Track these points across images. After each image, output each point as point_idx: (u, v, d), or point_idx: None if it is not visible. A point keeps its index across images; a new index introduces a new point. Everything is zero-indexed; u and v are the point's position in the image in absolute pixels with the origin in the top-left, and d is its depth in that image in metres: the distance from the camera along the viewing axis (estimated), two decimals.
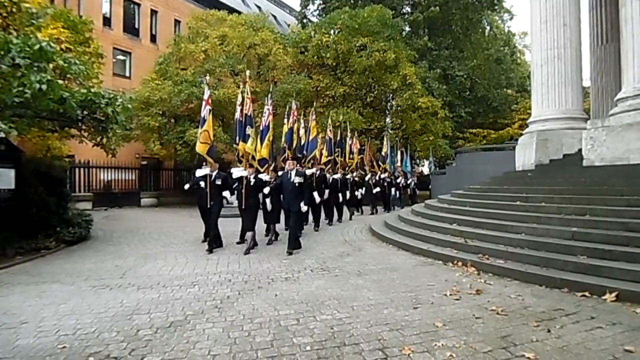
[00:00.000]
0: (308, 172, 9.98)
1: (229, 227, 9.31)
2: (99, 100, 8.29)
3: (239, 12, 23.90)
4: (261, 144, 8.90)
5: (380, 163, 18.02)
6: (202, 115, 8.38)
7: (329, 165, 12.62)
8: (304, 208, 7.95)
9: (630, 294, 4.29)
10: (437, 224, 8.40)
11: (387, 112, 25.24)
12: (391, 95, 22.94)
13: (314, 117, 12.48)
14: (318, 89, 20.86)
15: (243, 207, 7.85)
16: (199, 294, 5.02)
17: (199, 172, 8.27)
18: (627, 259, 4.97)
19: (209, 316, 4.20)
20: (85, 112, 8.66)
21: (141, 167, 21.29)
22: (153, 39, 24.94)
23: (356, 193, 14.33)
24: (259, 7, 34.10)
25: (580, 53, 11.15)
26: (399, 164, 20.41)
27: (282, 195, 8.30)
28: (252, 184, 7.82)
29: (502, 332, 3.59)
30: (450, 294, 4.72)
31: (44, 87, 6.76)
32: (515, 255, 5.85)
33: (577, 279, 4.83)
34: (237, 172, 7.92)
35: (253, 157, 8.45)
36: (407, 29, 27.02)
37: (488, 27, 32.13)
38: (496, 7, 30.07)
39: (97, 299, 4.87)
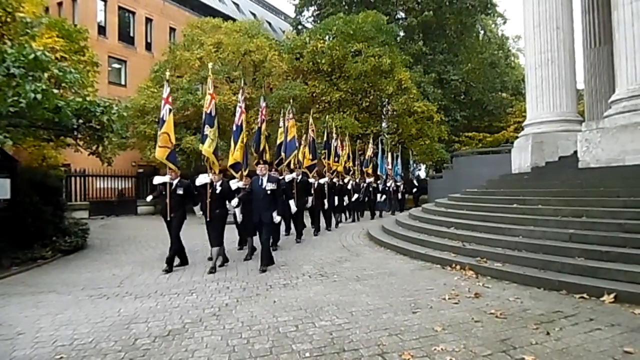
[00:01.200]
0: (288, 177, 9.47)
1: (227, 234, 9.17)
2: (94, 108, 8.29)
3: (234, 20, 23.99)
4: (234, 146, 8.19)
5: (363, 168, 17.33)
6: (161, 115, 7.36)
7: (314, 169, 11.52)
8: (276, 219, 7.01)
9: (628, 295, 4.30)
10: (434, 227, 8.40)
11: (383, 117, 25.30)
12: (387, 100, 22.99)
13: (311, 122, 12.43)
14: (314, 94, 20.90)
15: (208, 218, 6.88)
16: (197, 302, 4.99)
17: (157, 180, 7.27)
18: (624, 260, 4.98)
19: (207, 324, 4.17)
20: (81, 121, 8.65)
21: (137, 175, 21.24)
22: (148, 47, 24.99)
23: (346, 198, 13.52)
24: (253, 14, 34.19)
25: (574, 56, 11.24)
26: (389, 166, 19.57)
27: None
28: (217, 192, 6.98)
29: (501, 336, 3.58)
30: (449, 298, 4.72)
31: (39, 96, 6.76)
32: (513, 258, 5.85)
33: (575, 280, 4.83)
34: (200, 178, 7.09)
35: (218, 162, 7.46)
36: (402, 34, 27.14)
37: (482, 31, 32.30)
38: (490, 12, 30.22)
39: (94, 308, 4.84)
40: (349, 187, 14.05)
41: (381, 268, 6.57)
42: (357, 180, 15.65)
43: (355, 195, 14.64)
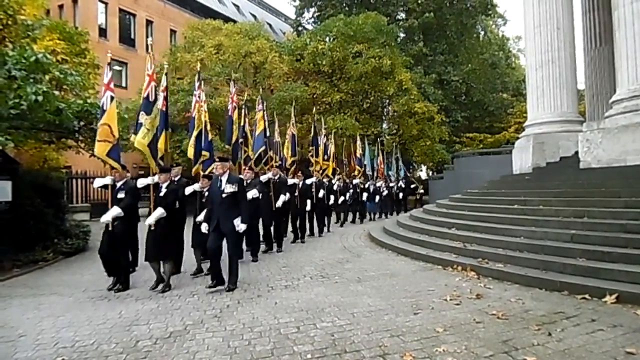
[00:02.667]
0: (263, 177, 8.61)
1: None
2: (95, 110, 8.30)
3: (235, 21, 24.04)
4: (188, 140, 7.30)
5: (358, 167, 16.12)
6: (101, 103, 6.19)
7: (293, 167, 10.72)
8: (240, 227, 5.59)
9: (630, 295, 4.28)
10: (435, 228, 8.39)
11: (384, 118, 25.35)
12: (387, 101, 23.06)
13: (293, 120, 12.17)
14: (314, 96, 20.94)
15: (152, 227, 5.79)
16: (198, 304, 4.99)
17: (98, 183, 6.30)
18: (626, 261, 4.96)
19: (208, 326, 4.17)
20: (82, 123, 8.68)
21: (138, 176, 21.21)
22: (149, 48, 25.02)
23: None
24: (254, 16, 34.26)
25: (574, 56, 11.24)
26: (382, 165, 18.65)
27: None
28: (162, 194, 5.94)
29: (503, 337, 3.57)
30: (451, 299, 4.71)
31: (40, 98, 6.78)
32: (514, 259, 5.84)
33: (577, 281, 4.82)
34: (142, 180, 6.32)
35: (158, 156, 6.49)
36: (402, 35, 27.19)
37: (482, 32, 32.36)
38: (490, 12, 30.27)
39: (96, 310, 4.84)
40: (335, 187, 12.89)
41: (382, 269, 6.56)
42: (347, 181, 14.55)
43: (342, 197, 13.51)
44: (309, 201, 10.17)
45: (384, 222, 12.43)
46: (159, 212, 5.72)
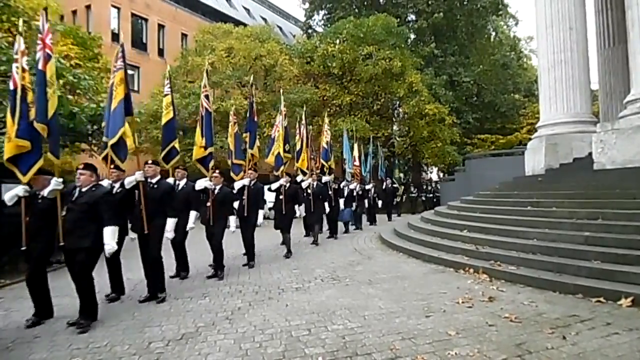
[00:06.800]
0: (237, 185, 7.53)
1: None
2: None
3: (245, 25, 24.17)
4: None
5: (322, 161, 12.05)
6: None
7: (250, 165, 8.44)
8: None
9: None
10: (447, 230, 8.34)
11: (394, 120, 25.26)
12: (398, 102, 22.96)
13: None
14: (325, 98, 20.95)
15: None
16: (210, 306, 5.02)
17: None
18: None
19: (220, 327, 4.20)
20: (95, 127, 8.80)
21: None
22: (161, 53, 25.34)
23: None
24: (264, 19, 34.46)
25: (587, 56, 11.10)
26: (357, 162, 14.39)
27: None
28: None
29: (516, 340, 3.54)
30: (463, 302, 4.68)
31: None
32: (527, 261, 5.78)
33: (592, 284, 4.76)
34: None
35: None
36: (413, 36, 27.05)
37: (493, 33, 32.11)
38: (501, 13, 30.01)
39: (108, 312, 4.88)
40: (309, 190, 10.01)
41: (393, 271, 6.54)
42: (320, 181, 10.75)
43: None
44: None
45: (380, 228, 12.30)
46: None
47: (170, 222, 5.44)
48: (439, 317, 4.22)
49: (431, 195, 22.55)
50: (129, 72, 6.74)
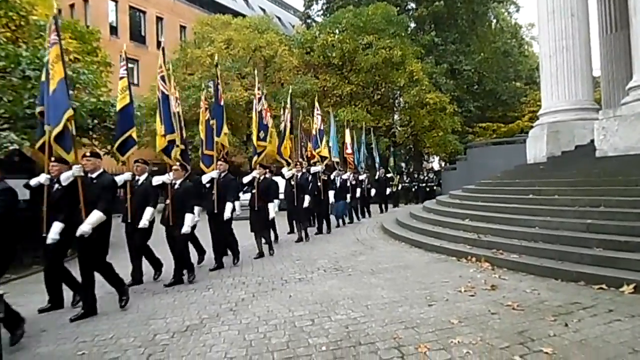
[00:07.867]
0: (205, 177, 7.19)
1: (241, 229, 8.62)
2: (108, 108, 8.40)
3: (244, 16, 24.05)
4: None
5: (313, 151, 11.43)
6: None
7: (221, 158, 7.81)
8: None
9: None
10: (449, 220, 8.35)
11: (395, 109, 25.16)
12: (398, 92, 22.86)
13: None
14: (325, 88, 20.88)
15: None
16: (214, 297, 5.05)
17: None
18: None
19: (224, 319, 4.23)
20: (95, 121, 8.79)
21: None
22: (159, 45, 25.19)
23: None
24: (263, 10, 34.23)
25: (589, 43, 10.99)
26: (349, 150, 13.86)
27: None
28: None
29: (518, 328, 3.55)
30: (465, 290, 4.69)
31: None
32: (529, 249, 5.79)
33: (594, 271, 4.76)
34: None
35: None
36: (413, 25, 26.85)
37: (494, 20, 31.79)
38: (502, 0, 29.77)
39: (114, 305, 4.92)
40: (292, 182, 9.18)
41: (396, 261, 6.56)
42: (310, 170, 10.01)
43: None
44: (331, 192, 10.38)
45: (391, 215, 12.28)
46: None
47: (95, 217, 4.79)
48: (441, 306, 4.24)
49: (424, 184, 20.64)
50: (129, 65, 6.58)
